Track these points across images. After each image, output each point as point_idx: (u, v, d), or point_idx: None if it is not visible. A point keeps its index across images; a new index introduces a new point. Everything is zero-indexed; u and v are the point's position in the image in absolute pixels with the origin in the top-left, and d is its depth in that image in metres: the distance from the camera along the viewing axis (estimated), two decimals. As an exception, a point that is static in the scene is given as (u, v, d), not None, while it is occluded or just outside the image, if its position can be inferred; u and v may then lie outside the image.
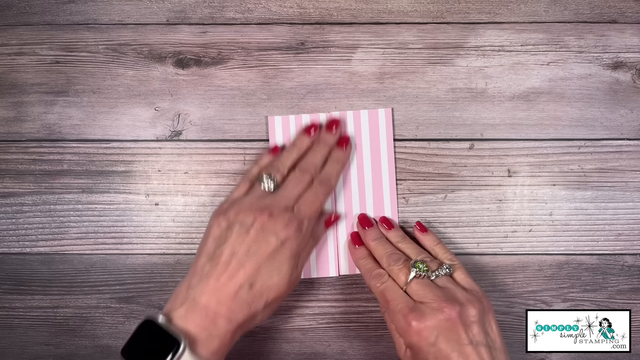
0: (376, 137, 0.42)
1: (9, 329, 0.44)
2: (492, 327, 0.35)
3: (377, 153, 0.42)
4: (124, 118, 0.44)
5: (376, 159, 0.42)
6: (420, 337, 0.33)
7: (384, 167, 0.42)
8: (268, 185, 0.37)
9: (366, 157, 0.42)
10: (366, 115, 0.42)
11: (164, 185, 0.43)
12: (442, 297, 0.34)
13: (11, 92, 0.44)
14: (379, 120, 0.42)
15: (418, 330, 0.33)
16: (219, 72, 0.44)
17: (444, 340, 0.33)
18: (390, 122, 0.42)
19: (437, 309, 0.34)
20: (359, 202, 0.42)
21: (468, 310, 0.34)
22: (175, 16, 0.44)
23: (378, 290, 0.37)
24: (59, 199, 0.43)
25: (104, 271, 0.44)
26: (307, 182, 0.38)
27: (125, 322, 0.44)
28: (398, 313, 0.35)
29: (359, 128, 0.42)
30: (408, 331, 0.34)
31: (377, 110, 0.42)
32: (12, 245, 0.44)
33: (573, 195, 0.43)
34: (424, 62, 0.44)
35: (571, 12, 0.44)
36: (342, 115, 0.42)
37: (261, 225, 0.35)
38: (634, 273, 0.43)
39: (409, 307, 0.34)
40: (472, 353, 0.32)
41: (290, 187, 0.37)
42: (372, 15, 0.44)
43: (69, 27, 0.44)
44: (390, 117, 0.42)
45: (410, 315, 0.34)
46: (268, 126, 0.42)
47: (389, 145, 0.42)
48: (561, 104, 0.43)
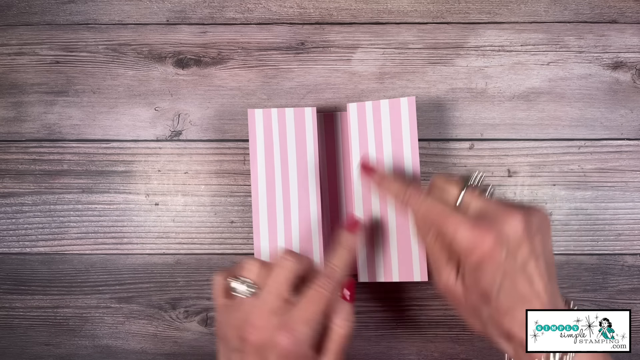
0: (398, 128, 0.39)
1: (9, 329, 0.44)
2: (548, 246, 0.31)
3: (400, 146, 0.39)
4: (124, 118, 0.44)
5: (398, 152, 0.39)
6: (491, 251, 0.30)
7: (407, 160, 0.39)
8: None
9: (387, 150, 0.39)
10: (387, 106, 0.39)
11: (164, 185, 0.43)
12: (504, 206, 0.31)
13: (11, 92, 0.44)
14: (401, 110, 0.39)
15: (489, 242, 0.29)
16: (219, 72, 0.44)
17: (511, 257, 0.30)
18: (414, 112, 0.38)
19: (501, 219, 0.30)
20: (379, 200, 0.39)
21: (532, 220, 0.30)
22: (175, 16, 0.44)
23: (421, 209, 0.33)
24: (59, 199, 0.43)
25: (104, 271, 0.43)
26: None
27: (125, 322, 0.44)
28: (459, 228, 0.30)
29: (379, 119, 0.39)
30: (477, 246, 0.30)
31: (399, 100, 0.39)
32: (12, 245, 0.44)
33: (573, 195, 0.43)
34: (424, 62, 0.44)
35: (571, 12, 0.44)
36: (360, 106, 0.40)
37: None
38: (634, 273, 0.43)
39: (470, 221, 0.30)
40: (534, 268, 0.29)
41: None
42: (372, 15, 0.44)
43: (69, 27, 0.44)
44: (414, 106, 0.38)
45: (478, 228, 0.30)
46: (248, 120, 0.40)
47: (412, 136, 0.38)
48: (561, 104, 0.43)
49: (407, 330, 0.43)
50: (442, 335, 0.44)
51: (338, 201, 0.42)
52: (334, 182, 0.42)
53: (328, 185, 0.42)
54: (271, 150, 0.39)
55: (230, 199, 0.43)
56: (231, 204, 0.43)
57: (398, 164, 0.39)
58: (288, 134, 0.39)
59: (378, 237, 0.39)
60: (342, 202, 0.42)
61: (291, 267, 0.31)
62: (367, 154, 0.39)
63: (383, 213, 0.39)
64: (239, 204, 0.43)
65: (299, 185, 0.39)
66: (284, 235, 0.38)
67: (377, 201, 0.39)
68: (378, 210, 0.39)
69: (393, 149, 0.39)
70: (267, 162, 0.39)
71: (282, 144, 0.39)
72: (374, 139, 0.39)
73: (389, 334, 0.43)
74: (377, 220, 0.39)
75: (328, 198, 0.42)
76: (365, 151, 0.39)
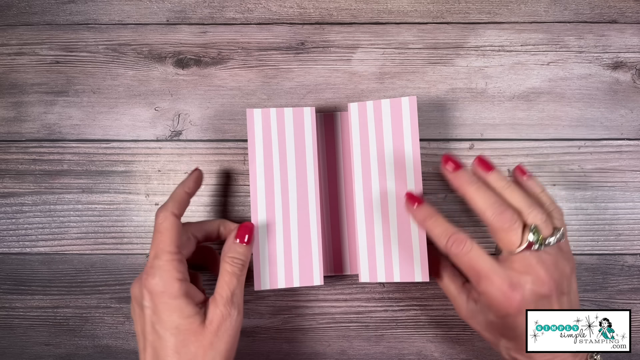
0: (399, 127, 0.38)
1: (9, 329, 0.44)
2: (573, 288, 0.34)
3: (401, 145, 0.38)
4: (124, 118, 0.44)
5: (399, 151, 0.38)
6: (518, 310, 0.32)
7: (408, 159, 0.38)
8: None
9: (388, 149, 0.38)
10: (388, 105, 0.39)
11: (164, 185, 0.43)
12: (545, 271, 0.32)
13: (11, 92, 0.44)
14: (402, 110, 0.38)
15: (519, 306, 0.32)
16: (219, 72, 0.44)
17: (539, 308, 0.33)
18: (415, 112, 0.38)
19: (538, 283, 0.32)
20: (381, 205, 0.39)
21: (564, 280, 0.33)
22: (175, 16, 0.44)
23: (462, 260, 0.33)
24: (59, 199, 0.43)
25: (104, 271, 0.43)
26: None
27: (125, 322, 0.44)
28: (495, 288, 0.32)
29: (380, 118, 0.39)
30: (506, 307, 0.32)
31: (400, 99, 0.39)
32: (12, 245, 0.44)
33: (573, 195, 0.43)
34: (424, 62, 0.44)
35: (571, 12, 0.44)
36: (361, 106, 0.39)
37: None
38: (634, 273, 0.43)
39: (509, 281, 0.32)
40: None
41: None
42: (372, 15, 0.44)
43: (69, 27, 0.44)
44: (415, 106, 0.38)
45: (510, 292, 0.32)
46: (247, 120, 0.39)
47: (413, 136, 0.38)
48: (561, 104, 0.43)
49: (407, 330, 0.44)
50: (442, 335, 0.44)
51: (338, 201, 0.42)
52: (334, 182, 0.42)
53: (328, 185, 0.42)
54: (270, 150, 0.39)
55: (230, 199, 0.43)
56: (231, 204, 0.43)
57: (399, 163, 0.39)
58: (287, 133, 0.39)
59: (379, 237, 0.39)
60: (342, 201, 0.42)
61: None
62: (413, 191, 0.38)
63: (384, 213, 0.39)
64: (238, 204, 0.43)
65: (297, 184, 0.39)
66: (283, 235, 0.38)
67: (377, 201, 0.39)
68: (379, 210, 0.39)
69: (394, 148, 0.39)
70: (265, 162, 0.39)
71: (281, 143, 0.39)
72: (374, 138, 0.39)
73: (389, 334, 0.44)
74: (379, 220, 0.39)
75: (328, 197, 0.42)
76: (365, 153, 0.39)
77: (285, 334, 0.44)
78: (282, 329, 0.44)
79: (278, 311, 0.44)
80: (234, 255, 0.35)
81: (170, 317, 0.31)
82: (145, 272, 0.33)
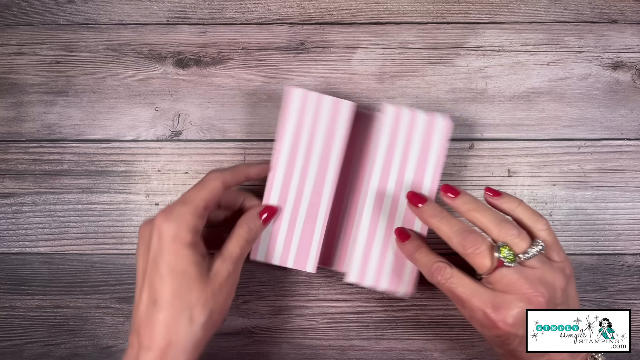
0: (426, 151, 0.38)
1: (9, 329, 0.44)
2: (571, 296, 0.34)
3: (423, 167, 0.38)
4: (124, 118, 0.44)
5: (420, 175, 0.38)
6: (507, 332, 0.32)
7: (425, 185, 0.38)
8: None
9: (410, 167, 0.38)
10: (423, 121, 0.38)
11: (164, 185, 0.43)
12: (529, 287, 0.32)
13: (11, 92, 0.44)
14: (434, 132, 0.38)
15: (504, 328, 0.32)
16: (219, 72, 0.44)
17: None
18: (446, 140, 0.38)
19: (524, 300, 0.32)
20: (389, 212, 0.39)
21: (556, 293, 0.32)
22: (175, 16, 0.44)
23: (444, 287, 0.34)
24: (59, 199, 0.43)
25: (104, 271, 0.44)
26: None
27: (125, 322, 0.44)
28: (477, 311, 0.32)
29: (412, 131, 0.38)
30: (492, 329, 0.32)
31: (435, 117, 0.38)
32: (12, 245, 0.44)
33: (573, 195, 0.43)
34: (424, 62, 0.44)
35: (571, 12, 0.44)
36: (397, 110, 0.38)
37: None
38: (634, 273, 0.43)
39: (491, 303, 0.32)
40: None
41: None
42: (372, 15, 0.44)
43: (69, 27, 0.44)
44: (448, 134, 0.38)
45: (494, 314, 0.32)
46: (283, 98, 0.38)
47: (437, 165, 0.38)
48: (561, 104, 0.43)
49: (407, 330, 0.44)
50: (442, 335, 0.44)
51: (343, 194, 0.42)
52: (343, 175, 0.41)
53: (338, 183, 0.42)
54: (300, 131, 0.38)
55: (230, 199, 0.43)
56: (231, 204, 0.43)
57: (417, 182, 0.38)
58: (320, 121, 0.38)
59: (379, 241, 0.39)
60: (347, 196, 0.42)
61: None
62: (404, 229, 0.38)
63: (390, 219, 0.39)
64: (239, 204, 0.43)
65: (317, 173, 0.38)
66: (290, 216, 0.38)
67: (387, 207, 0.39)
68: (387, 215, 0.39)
69: (417, 167, 0.38)
70: (293, 142, 0.38)
71: (312, 128, 0.38)
72: (402, 148, 0.38)
73: (389, 334, 0.44)
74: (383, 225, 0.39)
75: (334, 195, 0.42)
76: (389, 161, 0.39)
77: (285, 334, 0.44)
78: (282, 329, 0.44)
79: (278, 311, 0.44)
80: (251, 227, 0.36)
81: (178, 262, 0.32)
82: (163, 214, 0.33)
